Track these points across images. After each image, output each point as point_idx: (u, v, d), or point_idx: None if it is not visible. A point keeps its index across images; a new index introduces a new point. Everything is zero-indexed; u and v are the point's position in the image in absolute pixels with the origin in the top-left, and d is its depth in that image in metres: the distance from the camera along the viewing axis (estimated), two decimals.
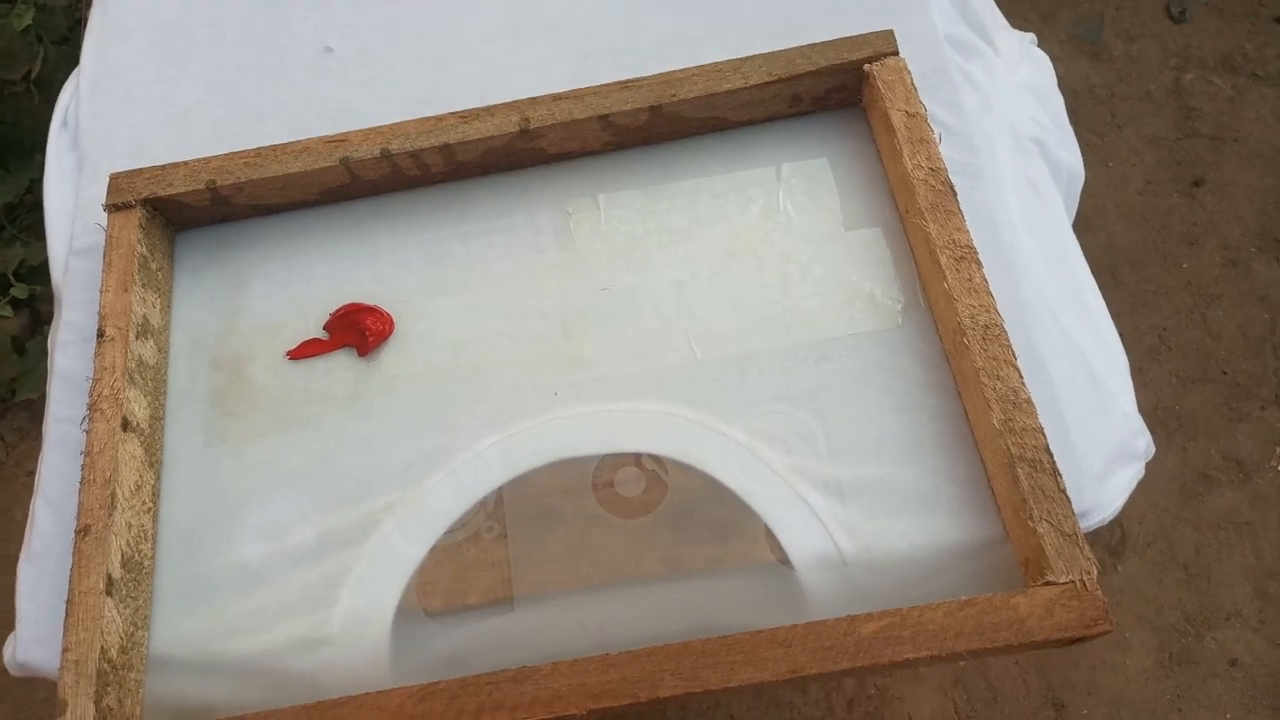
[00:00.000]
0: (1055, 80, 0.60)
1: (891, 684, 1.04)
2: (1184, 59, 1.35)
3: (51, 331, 0.56)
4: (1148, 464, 0.50)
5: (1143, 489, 0.50)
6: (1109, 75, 1.35)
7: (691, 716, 1.06)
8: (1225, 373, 1.16)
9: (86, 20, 0.67)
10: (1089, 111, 1.33)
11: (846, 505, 0.45)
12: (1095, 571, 0.38)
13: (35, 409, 1.23)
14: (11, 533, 1.18)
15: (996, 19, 0.58)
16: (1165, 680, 1.03)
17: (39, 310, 1.24)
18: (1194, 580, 1.07)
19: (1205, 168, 1.28)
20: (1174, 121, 1.31)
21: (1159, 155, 1.29)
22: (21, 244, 1.23)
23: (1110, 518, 0.46)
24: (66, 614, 0.43)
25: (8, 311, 1.22)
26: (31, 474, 1.21)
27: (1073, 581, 0.38)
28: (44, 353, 1.21)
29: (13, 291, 1.21)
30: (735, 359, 0.49)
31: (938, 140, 0.49)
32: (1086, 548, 0.39)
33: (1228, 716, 1.01)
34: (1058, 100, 0.60)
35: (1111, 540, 1.09)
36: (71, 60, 1.24)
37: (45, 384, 1.25)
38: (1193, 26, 1.37)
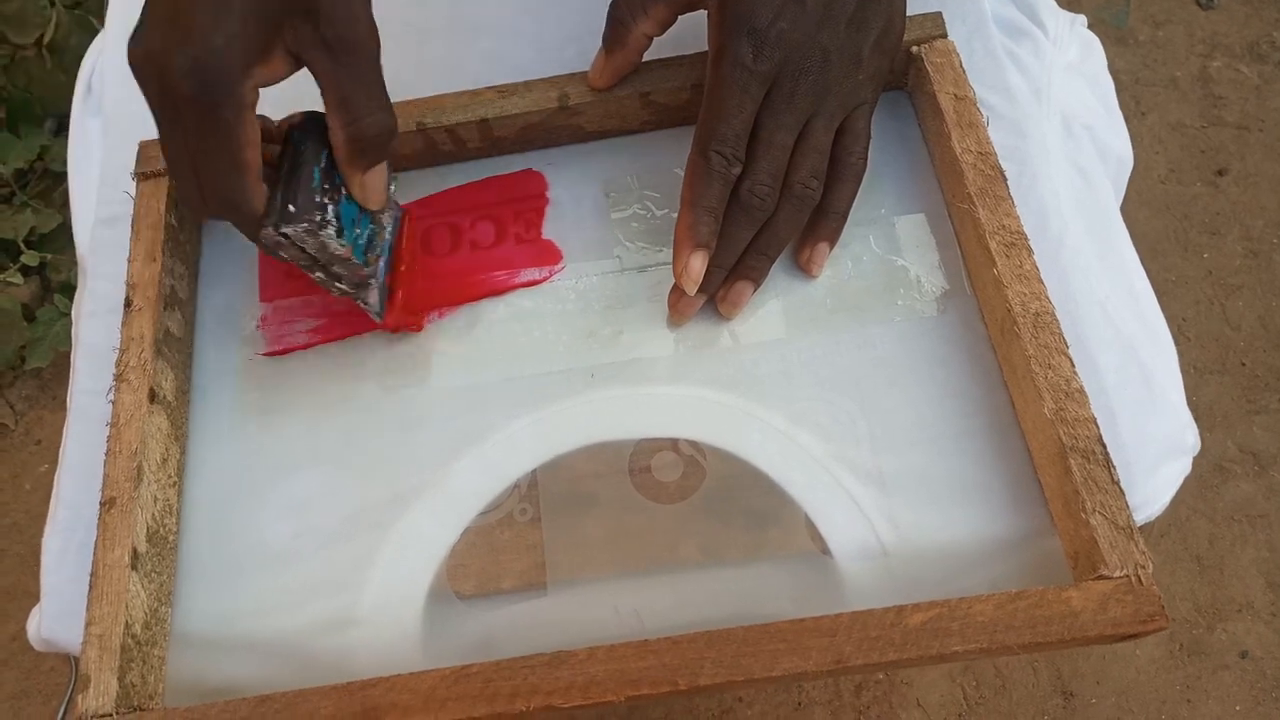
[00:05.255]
0: (1105, 63, 0.58)
1: (900, 669, 1.04)
2: (1211, 46, 1.34)
3: (76, 303, 0.55)
4: None
5: None
6: (1134, 61, 1.34)
7: (700, 693, 1.05)
8: (1244, 364, 1.15)
9: None
10: None
11: (888, 494, 0.44)
12: (1150, 566, 0.37)
13: (44, 377, 1.23)
14: (20, 501, 1.18)
15: None
16: (1175, 671, 1.02)
17: (49, 278, 1.23)
18: (1206, 572, 1.07)
19: (1229, 157, 1.27)
20: (1199, 109, 1.30)
21: (1183, 143, 1.28)
22: (32, 210, 1.22)
23: (1158, 513, 0.46)
24: (90, 587, 0.42)
25: (18, 279, 1.21)
26: (40, 442, 1.20)
27: (1127, 576, 0.37)
28: (53, 320, 1.20)
29: (23, 258, 1.20)
30: (775, 344, 0.48)
31: (985, 124, 0.48)
32: (1140, 541, 0.38)
33: (1237, 708, 1.01)
34: (1108, 84, 0.58)
35: None
36: (85, 24, 1.23)
37: (55, 352, 1.24)
38: (1220, 13, 1.36)
